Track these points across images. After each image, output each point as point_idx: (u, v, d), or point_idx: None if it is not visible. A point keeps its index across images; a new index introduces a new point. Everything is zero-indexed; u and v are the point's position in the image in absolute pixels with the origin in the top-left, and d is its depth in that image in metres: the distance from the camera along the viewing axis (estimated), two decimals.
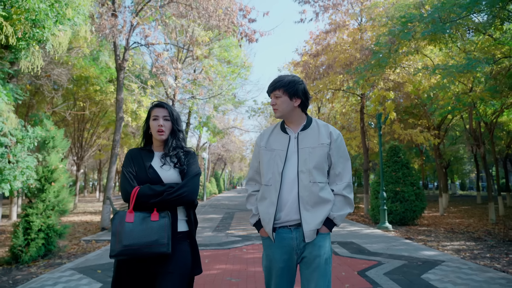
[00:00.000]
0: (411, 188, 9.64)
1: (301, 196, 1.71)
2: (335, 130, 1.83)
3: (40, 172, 5.76)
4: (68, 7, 5.02)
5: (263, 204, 1.79)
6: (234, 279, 3.96)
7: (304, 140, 1.79)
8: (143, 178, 1.68)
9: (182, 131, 1.84)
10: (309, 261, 1.70)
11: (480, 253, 5.64)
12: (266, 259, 1.80)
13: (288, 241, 1.73)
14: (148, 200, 1.60)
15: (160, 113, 1.77)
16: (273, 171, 1.76)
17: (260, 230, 1.83)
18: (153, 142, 1.85)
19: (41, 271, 4.71)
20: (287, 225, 1.74)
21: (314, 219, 1.69)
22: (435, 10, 7.16)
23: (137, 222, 1.56)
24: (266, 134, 1.89)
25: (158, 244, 1.53)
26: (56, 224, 5.68)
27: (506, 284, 3.66)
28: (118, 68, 9.26)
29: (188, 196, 1.64)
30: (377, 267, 4.44)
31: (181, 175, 1.72)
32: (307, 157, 1.74)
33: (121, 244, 1.52)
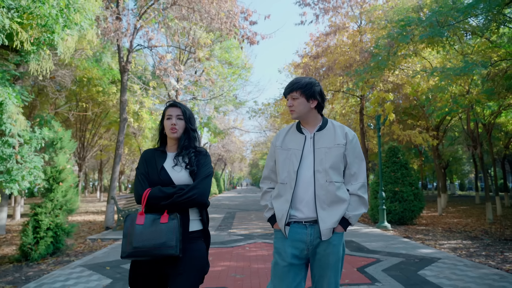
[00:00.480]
0: (410, 188, 9.80)
1: (318, 195, 1.74)
2: (351, 131, 1.88)
3: (48, 173, 5.91)
4: (77, 13, 5.18)
5: (278, 201, 1.83)
6: (238, 275, 4.13)
7: (320, 140, 1.82)
8: (155, 180, 1.71)
9: (195, 130, 1.85)
10: (323, 258, 1.73)
11: (476, 251, 5.81)
12: (276, 252, 1.82)
13: (301, 236, 1.76)
14: (158, 202, 1.62)
15: (173, 112, 1.80)
16: (288, 169, 1.80)
17: (274, 224, 1.88)
18: (167, 142, 1.87)
19: (51, 268, 4.87)
20: (303, 221, 1.77)
21: (331, 218, 1.73)
22: (433, 14, 7.34)
23: (147, 224, 1.59)
24: (282, 134, 1.93)
25: (166, 246, 1.55)
26: (64, 223, 5.84)
27: (499, 279, 3.83)
28: (122, 70, 9.43)
29: (198, 198, 1.66)
30: (375, 264, 4.61)
31: (192, 176, 1.73)
32: (323, 157, 1.78)
33: (131, 246, 1.55)
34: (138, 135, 20.26)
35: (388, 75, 10.47)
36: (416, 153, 21.11)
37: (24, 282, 4.15)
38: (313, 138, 1.83)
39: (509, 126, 17.02)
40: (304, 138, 1.83)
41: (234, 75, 19.36)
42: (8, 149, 6.48)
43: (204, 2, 9.26)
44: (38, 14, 4.45)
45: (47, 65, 6.17)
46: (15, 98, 5.73)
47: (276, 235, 1.86)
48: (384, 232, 7.91)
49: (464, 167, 34.49)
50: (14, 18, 3.85)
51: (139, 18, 9.43)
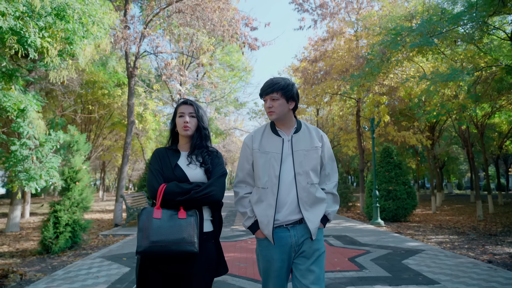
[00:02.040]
0: (403, 187, 10.31)
1: (300, 197, 1.76)
2: (324, 133, 1.94)
3: (66, 173, 6.41)
4: (94, 25, 5.68)
5: (260, 206, 1.79)
6: (242, 264, 4.63)
7: (298, 143, 1.83)
8: (169, 177, 1.68)
9: (207, 129, 1.84)
10: (309, 254, 1.77)
11: (460, 245, 6.32)
12: (264, 261, 1.80)
13: (286, 240, 1.76)
14: (174, 197, 1.59)
15: (186, 110, 1.79)
16: (269, 174, 1.78)
17: (256, 232, 1.83)
18: (179, 141, 1.86)
19: (72, 260, 5.38)
20: (284, 224, 1.78)
21: (316, 217, 1.78)
22: (422, 24, 7.83)
23: (164, 218, 1.55)
24: (258, 136, 1.89)
25: (186, 242, 1.51)
26: (80, 219, 6.35)
27: (472, 267, 4.34)
28: (129, 76, 9.93)
29: (215, 195, 1.65)
30: (365, 255, 5.12)
31: (207, 174, 1.72)
32: (302, 159, 1.79)
33: (149, 240, 1.49)
34: (141, 136, 20.77)
35: (384, 79, 10.96)
36: (414, 153, 21.64)
37: (51, 270, 4.66)
38: (291, 141, 1.83)
39: (503, 126, 17.54)
40: (281, 140, 1.82)
41: (235, 77, 19.87)
42: (26, 151, 7.00)
43: (207, 11, 9.76)
44: (62, 29, 4.93)
45: (64, 73, 6.68)
46: (36, 104, 6.23)
47: (259, 243, 1.84)
48: (377, 228, 8.42)
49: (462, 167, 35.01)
50: (45, 38, 4.35)
51: (146, 26, 9.92)
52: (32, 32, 4.13)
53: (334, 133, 17.91)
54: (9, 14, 3.85)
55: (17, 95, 6.10)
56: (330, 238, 6.65)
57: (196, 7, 9.57)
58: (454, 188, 40.86)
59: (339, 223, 9.41)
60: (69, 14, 4.48)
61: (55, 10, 4.38)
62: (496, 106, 12.57)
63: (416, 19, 9.25)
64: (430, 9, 8.98)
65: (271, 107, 1.80)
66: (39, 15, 4.23)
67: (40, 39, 4.24)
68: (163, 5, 10.11)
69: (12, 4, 3.87)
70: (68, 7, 4.39)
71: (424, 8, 9.22)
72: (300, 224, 1.77)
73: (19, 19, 4.00)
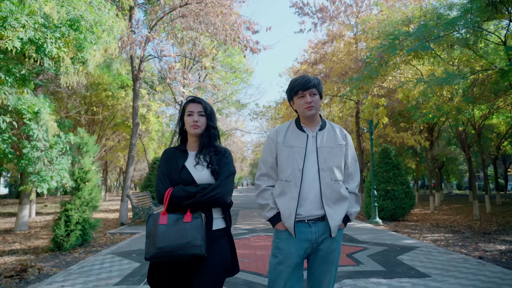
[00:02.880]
0: (401, 187, 10.57)
1: (324, 193, 1.76)
2: (347, 133, 1.96)
3: (76, 173, 6.69)
4: (104, 32, 5.96)
5: (283, 199, 1.80)
6: (246, 259, 4.90)
7: (322, 139, 1.84)
8: (176, 179, 1.68)
9: (216, 128, 1.83)
10: (327, 254, 1.77)
11: (454, 242, 6.58)
12: (280, 253, 1.78)
13: (306, 235, 1.76)
14: (181, 201, 1.59)
15: (195, 109, 1.77)
16: (292, 167, 1.79)
17: (277, 224, 1.82)
18: (188, 140, 1.85)
19: (83, 256, 5.66)
20: (306, 219, 1.77)
21: (338, 215, 1.78)
22: (419, 29, 8.09)
23: (170, 224, 1.55)
24: (282, 130, 1.90)
25: (191, 245, 1.50)
26: (90, 218, 6.63)
27: (462, 262, 4.60)
28: (134, 79, 10.21)
29: (221, 197, 1.63)
30: (362, 251, 5.38)
31: (213, 175, 1.70)
32: (326, 156, 1.81)
33: (155, 247, 1.50)
34: (143, 136, 21.06)
35: (382, 81, 11.23)
36: (413, 154, 21.89)
37: (65, 266, 4.93)
38: (316, 137, 1.84)
39: (501, 127, 17.79)
40: (306, 136, 1.84)
41: (237, 79, 20.15)
42: (36, 152, 7.28)
43: (210, 15, 10.03)
44: (74, 37, 5.21)
45: (74, 78, 6.97)
46: (49, 107, 6.51)
47: (278, 235, 1.83)
48: (376, 227, 8.68)
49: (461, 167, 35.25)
50: (61, 48, 4.63)
51: (150, 30, 10.20)
52: (49, 43, 4.40)
53: None
54: (29, 26, 4.13)
55: (30, 98, 6.39)
56: None
57: (200, 12, 9.83)
58: (453, 188, 41.07)
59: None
60: (83, 25, 4.75)
61: (70, 22, 4.65)
62: (493, 107, 12.82)
63: (414, 23, 9.52)
64: (427, 13, 9.24)
65: (311, 102, 1.80)
66: (55, 27, 4.50)
67: (56, 49, 4.52)
68: (167, 10, 10.39)
69: (32, 17, 4.15)
70: (82, 18, 4.66)
71: (421, 13, 9.47)
72: (322, 221, 1.78)
73: (37, 30, 4.28)
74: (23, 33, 4.03)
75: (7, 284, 3.99)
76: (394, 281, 3.75)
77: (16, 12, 4.01)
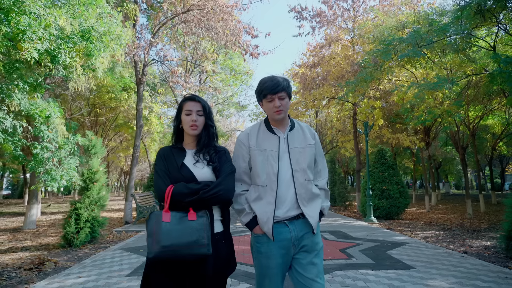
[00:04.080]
0: (396, 186, 10.93)
1: (299, 194, 1.78)
2: (314, 131, 1.98)
3: (85, 174, 7.05)
4: (112, 40, 6.32)
5: (259, 203, 1.79)
6: (245, 254, 5.27)
7: (293, 140, 1.85)
8: (176, 177, 1.62)
9: (214, 126, 1.80)
10: (311, 248, 1.80)
11: (443, 239, 6.94)
12: (262, 257, 1.78)
13: (285, 235, 1.77)
14: (183, 198, 1.54)
15: (193, 108, 1.72)
16: (267, 172, 1.79)
17: (254, 228, 1.81)
18: (184, 139, 1.80)
19: (93, 252, 6.02)
20: (282, 220, 1.78)
21: (314, 212, 1.81)
22: (412, 35, 8.45)
23: (174, 221, 1.50)
24: (253, 133, 1.88)
25: (198, 244, 1.46)
26: (98, 216, 7.00)
27: (446, 256, 4.97)
28: (138, 83, 10.57)
29: (225, 194, 1.60)
30: (355, 246, 5.75)
31: (215, 173, 1.67)
32: (298, 156, 1.82)
33: (160, 245, 1.44)
34: (145, 137, 21.42)
35: (377, 84, 11.60)
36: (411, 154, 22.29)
37: (78, 260, 5.30)
38: (287, 139, 1.85)
39: (496, 128, 18.16)
40: (277, 138, 1.84)
41: (237, 81, 20.53)
42: (46, 153, 7.64)
43: (211, 21, 10.39)
44: (84, 46, 5.57)
45: (82, 83, 7.33)
46: (59, 111, 6.88)
47: (258, 239, 1.82)
48: (370, 225, 9.05)
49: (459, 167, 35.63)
50: (74, 58, 4.99)
51: (153, 35, 10.57)
52: (63, 53, 4.77)
53: (332, 135, 18.53)
54: (45, 38, 4.49)
55: (42, 103, 6.75)
56: (325, 233, 7.28)
57: (201, 18, 10.20)
58: (452, 188, 41.44)
59: (335, 220, 10.04)
60: (93, 36, 5.12)
61: (82, 33, 5.02)
62: (488, 108, 13.19)
63: (409, 27, 9.89)
64: (420, 19, 9.60)
65: (280, 106, 1.79)
66: (68, 38, 4.87)
67: (69, 59, 4.88)
68: (170, 15, 10.75)
69: (47, 30, 4.51)
70: (93, 29, 5.03)
71: (415, 18, 9.84)
72: (298, 219, 1.79)
73: (52, 42, 4.65)
74: (40, 45, 4.40)
75: (27, 275, 4.35)
76: (381, 272, 4.12)
77: (33, 25, 4.37)
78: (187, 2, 10.19)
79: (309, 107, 15.59)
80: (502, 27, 8.49)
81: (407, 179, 43.42)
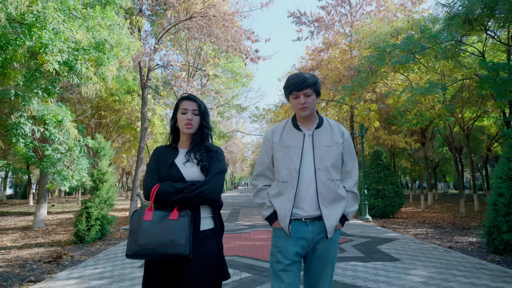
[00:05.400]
0: (391, 186, 11.36)
1: (320, 193, 1.74)
2: (346, 129, 1.90)
3: (95, 175, 7.48)
4: (122, 51, 6.74)
5: (279, 199, 1.79)
6: (246, 249, 5.69)
7: (319, 138, 1.81)
8: (165, 176, 1.65)
9: (209, 127, 1.80)
10: (323, 254, 1.76)
11: (433, 236, 7.36)
12: (278, 252, 1.78)
13: (303, 233, 1.75)
14: (168, 197, 1.55)
15: (189, 107, 1.74)
16: (289, 167, 1.77)
17: (274, 222, 1.82)
18: (180, 137, 1.82)
19: (104, 247, 6.44)
20: (303, 219, 1.76)
21: (334, 215, 1.75)
22: (404, 42, 8.88)
23: (155, 220, 1.51)
24: (278, 130, 1.87)
25: (175, 244, 1.46)
26: (107, 214, 7.42)
27: (431, 250, 5.39)
28: (142, 87, 11.01)
29: (209, 194, 1.58)
30: (348, 242, 6.17)
31: (203, 172, 1.66)
32: (323, 155, 1.77)
33: (137, 243, 1.46)
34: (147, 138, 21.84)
35: (372, 88, 12.03)
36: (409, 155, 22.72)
37: (91, 254, 5.72)
38: (312, 136, 1.81)
39: (492, 129, 18.57)
40: (302, 135, 1.81)
41: (237, 83, 20.98)
42: (58, 155, 8.08)
43: (213, 27, 10.82)
44: (96, 57, 6.00)
45: (92, 88, 7.76)
46: (70, 116, 7.31)
47: (276, 233, 1.83)
48: (365, 223, 9.46)
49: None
50: (89, 68, 5.43)
51: (157, 41, 11.00)
52: (79, 64, 5.21)
53: None
54: (64, 51, 4.93)
55: (54, 108, 7.19)
56: None
57: (204, 25, 10.63)
58: (450, 188, 41.84)
59: None
60: (106, 48, 5.55)
61: (96, 45, 5.45)
62: (483, 110, 13.61)
63: (404, 33, 10.32)
64: (413, 26, 10.03)
65: (305, 103, 1.77)
66: (84, 50, 5.30)
67: (85, 69, 5.32)
68: (173, 22, 11.18)
69: (66, 43, 4.94)
70: (106, 42, 5.46)
71: (408, 25, 10.27)
72: (320, 221, 1.76)
73: (70, 54, 5.08)
74: (59, 57, 4.83)
75: (48, 267, 4.78)
76: (369, 264, 4.54)
77: (54, 39, 4.81)
78: (190, 10, 10.62)
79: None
80: (491, 34, 8.93)
81: (406, 179, 43.83)
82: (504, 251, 5.24)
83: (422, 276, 3.90)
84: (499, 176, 5.58)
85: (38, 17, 4.62)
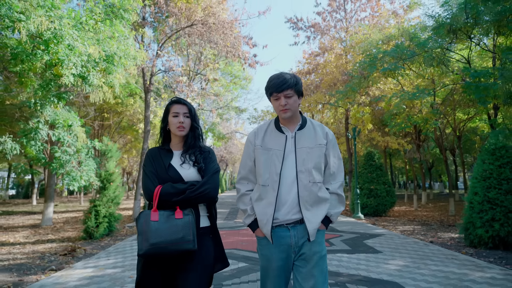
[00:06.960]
0: (383, 186, 11.88)
1: (301, 196, 1.72)
2: (330, 130, 1.88)
3: (103, 175, 7.99)
4: (128, 60, 7.24)
5: (260, 204, 1.78)
6: (244, 243, 6.21)
7: (301, 140, 1.78)
8: (164, 177, 1.71)
9: (199, 128, 1.87)
10: (308, 257, 1.72)
11: (418, 232, 7.88)
12: (263, 259, 1.79)
13: (285, 240, 1.73)
14: (170, 198, 1.63)
15: (180, 110, 1.80)
16: (270, 171, 1.75)
17: (255, 230, 1.81)
18: (171, 140, 1.87)
19: (113, 242, 6.96)
20: (284, 224, 1.74)
21: (316, 218, 1.73)
22: (394, 49, 9.40)
23: (162, 220, 1.59)
24: (261, 132, 1.86)
25: (184, 241, 1.57)
26: (114, 212, 7.93)
27: (412, 244, 5.91)
28: (146, 91, 11.52)
29: (210, 193, 1.69)
30: (338, 237, 6.69)
31: (200, 173, 1.75)
32: (305, 157, 1.74)
33: (148, 243, 1.55)
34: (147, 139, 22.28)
35: (366, 91, 12.57)
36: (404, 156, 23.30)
37: (102, 248, 6.23)
38: (294, 138, 1.78)
39: (485, 130, 19.10)
40: (285, 137, 1.79)
41: (236, 85, 21.51)
42: (66, 156, 8.59)
43: (213, 34, 11.34)
44: (105, 67, 6.51)
45: (100, 94, 8.27)
46: (79, 121, 7.82)
47: (260, 242, 1.83)
48: (357, 220, 9.99)
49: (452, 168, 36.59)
50: (100, 79, 5.95)
51: (160, 48, 11.51)
52: (92, 75, 5.72)
53: None
54: (78, 64, 5.44)
55: (64, 113, 7.70)
56: None
57: (204, 32, 11.14)
58: (446, 188, 42.37)
59: None
60: (115, 59, 6.07)
61: (106, 57, 5.97)
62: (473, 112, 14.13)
63: (394, 40, 10.85)
64: (404, 33, 10.56)
65: (286, 105, 1.74)
66: (95, 62, 5.82)
67: (96, 79, 5.84)
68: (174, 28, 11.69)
69: (80, 57, 5.46)
70: (116, 55, 5.98)
71: (398, 32, 10.79)
72: (301, 224, 1.74)
73: (83, 67, 5.60)
74: (74, 70, 5.35)
75: (64, 259, 5.30)
76: (354, 255, 5.06)
77: (69, 54, 5.33)
78: (191, 17, 11.13)
79: (304, 111, 16.56)
80: (475, 42, 9.45)
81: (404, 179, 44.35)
82: (478, 244, 5.77)
83: (398, 265, 4.42)
84: (475, 177, 6.11)
85: (55, 34, 5.14)
